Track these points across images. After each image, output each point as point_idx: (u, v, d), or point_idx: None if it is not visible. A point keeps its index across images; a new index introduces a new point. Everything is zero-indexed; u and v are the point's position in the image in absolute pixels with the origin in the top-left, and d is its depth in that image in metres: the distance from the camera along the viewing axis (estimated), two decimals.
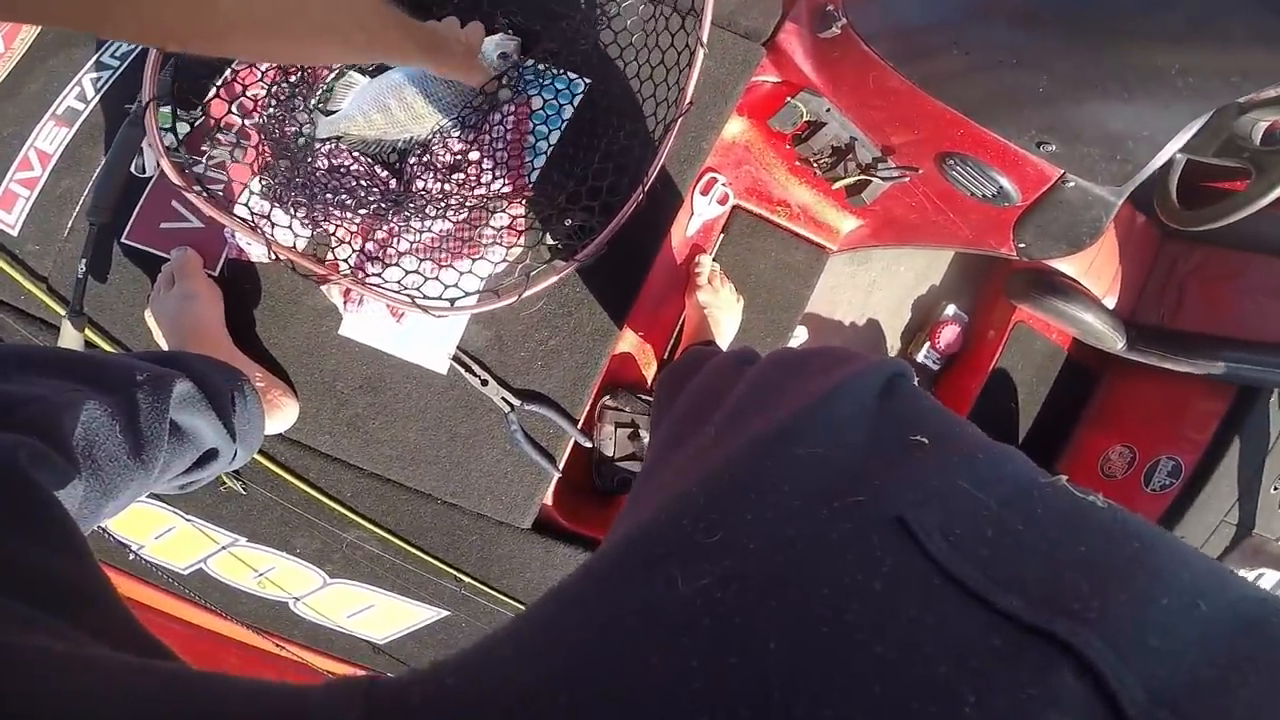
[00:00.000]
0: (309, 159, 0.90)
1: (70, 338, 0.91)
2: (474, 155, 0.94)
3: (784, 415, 0.43)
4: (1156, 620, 0.27)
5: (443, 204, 0.90)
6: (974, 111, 0.88)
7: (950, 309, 1.52)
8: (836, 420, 0.42)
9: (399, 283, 0.89)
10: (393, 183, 0.92)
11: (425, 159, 0.92)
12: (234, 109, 0.95)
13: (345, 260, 0.91)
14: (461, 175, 0.93)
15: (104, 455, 0.62)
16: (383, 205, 0.90)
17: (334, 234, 0.90)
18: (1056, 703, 0.24)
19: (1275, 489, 1.30)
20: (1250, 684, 0.25)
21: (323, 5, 0.54)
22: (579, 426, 1.07)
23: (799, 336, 1.47)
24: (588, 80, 1.00)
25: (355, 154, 0.92)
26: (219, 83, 0.92)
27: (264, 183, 0.89)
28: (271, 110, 0.92)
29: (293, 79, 0.94)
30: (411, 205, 0.90)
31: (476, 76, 0.91)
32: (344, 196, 0.89)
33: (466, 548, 1.08)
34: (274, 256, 0.84)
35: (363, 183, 0.91)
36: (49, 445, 0.52)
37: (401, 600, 1.10)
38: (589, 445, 1.18)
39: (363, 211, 0.88)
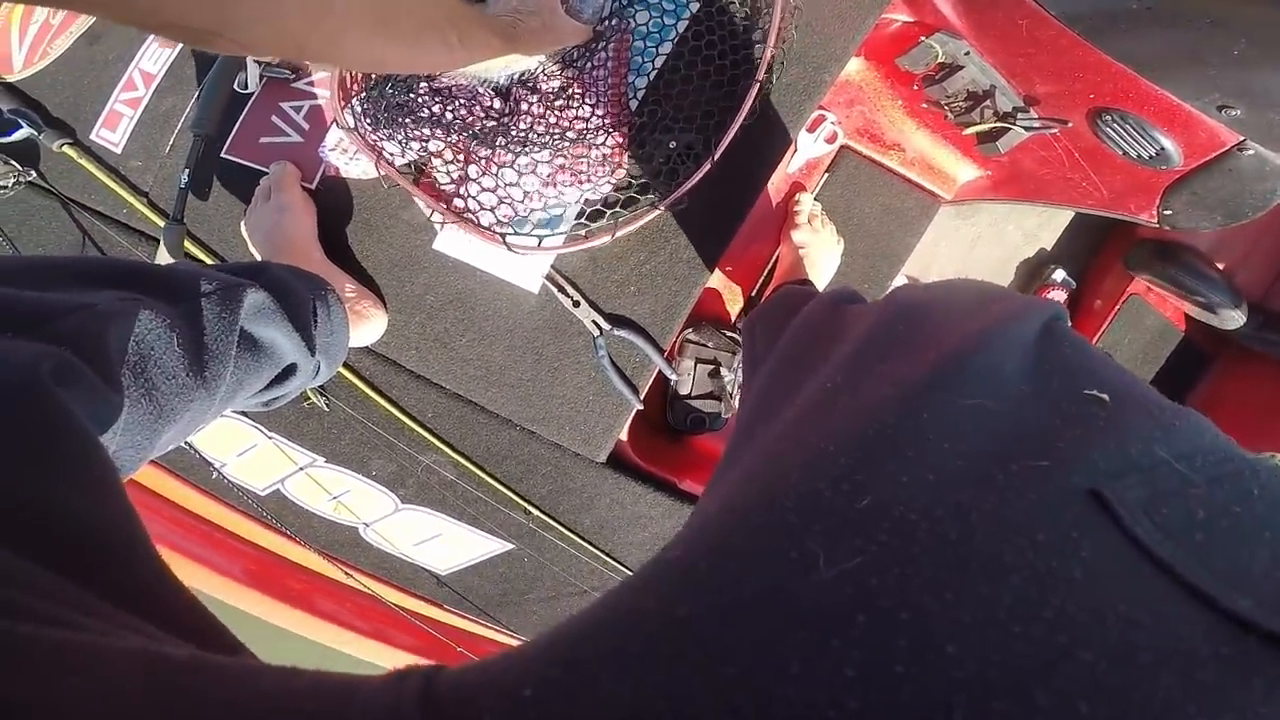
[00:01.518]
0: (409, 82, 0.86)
1: (169, 247, 0.90)
2: (576, 88, 0.87)
3: (935, 359, 0.36)
4: None
5: (544, 134, 0.85)
6: (1147, 69, 0.78)
7: (1059, 274, 1.41)
8: (997, 367, 0.35)
9: (492, 211, 0.86)
10: (498, 102, 0.86)
11: (531, 84, 0.86)
12: None
13: (447, 177, 0.87)
14: (564, 102, 0.87)
15: (159, 372, 0.55)
16: (486, 126, 0.85)
17: (434, 155, 0.86)
18: None
19: None
20: None
21: None
22: (664, 356, 1.04)
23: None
24: None
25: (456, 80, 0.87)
26: None
27: (364, 103, 0.85)
28: None
29: None
30: (514, 130, 0.85)
31: (574, 36, 0.83)
32: (447, 116, 0.84)
33: (539, 479, 1.08)
34: (381, 174, 0.81)
35: (462, 100, 0.86)
36: (86, 361, 0.46)
37: (468, 530, 1.11)
38: (673, 378, 1.15)
39: (464, 135, 0.84)
